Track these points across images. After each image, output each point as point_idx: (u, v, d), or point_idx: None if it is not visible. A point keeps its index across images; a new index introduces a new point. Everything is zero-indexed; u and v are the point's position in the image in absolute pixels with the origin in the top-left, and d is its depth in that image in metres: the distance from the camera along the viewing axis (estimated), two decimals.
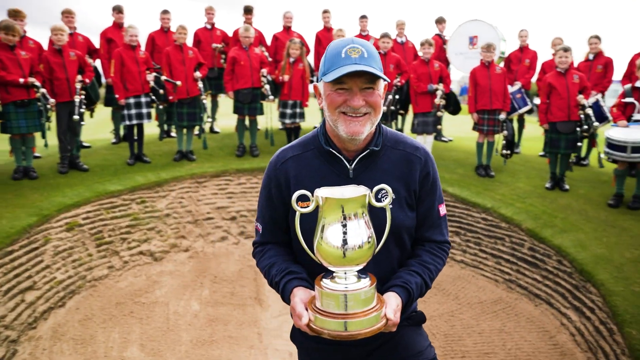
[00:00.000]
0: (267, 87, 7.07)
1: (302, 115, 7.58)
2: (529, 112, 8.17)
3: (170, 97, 6.77)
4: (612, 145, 5.34)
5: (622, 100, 5.54)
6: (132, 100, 6.55)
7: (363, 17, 8.62)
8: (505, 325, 4.45)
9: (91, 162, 6.74)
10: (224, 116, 10.41)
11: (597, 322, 3.98)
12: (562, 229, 5.18)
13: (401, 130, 8.90)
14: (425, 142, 7.25)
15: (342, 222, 1.42)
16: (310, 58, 8.74)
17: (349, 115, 1.59)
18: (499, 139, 7.09)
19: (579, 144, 6.10)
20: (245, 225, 6.40)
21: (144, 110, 6.66)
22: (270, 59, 7.95)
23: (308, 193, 1.50)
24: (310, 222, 1.54)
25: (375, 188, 1.54)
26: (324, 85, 1.63)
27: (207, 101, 7.22)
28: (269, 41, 8.73)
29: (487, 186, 6.46)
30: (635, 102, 5.45)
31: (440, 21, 9.03)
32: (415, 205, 1.75)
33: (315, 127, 1.89)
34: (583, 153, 7.53)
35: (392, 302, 1.51)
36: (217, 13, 8.40)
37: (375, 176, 1.70)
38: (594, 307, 4.12)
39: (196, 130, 7.30)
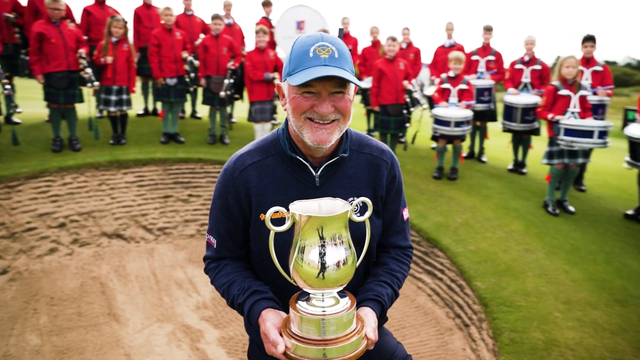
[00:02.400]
0: (89, 70, 6.10)
1: (128, 102, 6.79)
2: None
3: None
4: (438, 121, 6.15)
5: (441, 86, 6.40)
6: None
7: None
8: None
9: None
10: (22, 102, 8.69)
11: (449, 281, 4.58)
12: None
13: (231, 115, 8.74)
14: (264, 129, 7.22)
15: (323, 242, 1.30)
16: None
17: (315, 122, 1.46)
18: None
19: (407, 124, 6.83)
20: (78, 231, 5.49)
21: None
22: (85, 37, 6.86)
23: (283, 210, 1.34)
24: (277, 238, 1.39)
25: (356, 201, 1.45)
26: (289, 87, 1.47)
27: (8, 86, 5.88)
28: (78, 16, 7.51)
29: None
30: (451, 88, 6.35)
31: (266, 4, 9.00)
32: (381, 210, 1.70)
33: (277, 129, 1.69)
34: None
35: (371, 320, 1.45)
36: None
37: (343, 184, 1.61)
38: (443, 269, 4.72)
39: None
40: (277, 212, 1.33)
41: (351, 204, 1.46)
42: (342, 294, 1.40)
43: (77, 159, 6.04)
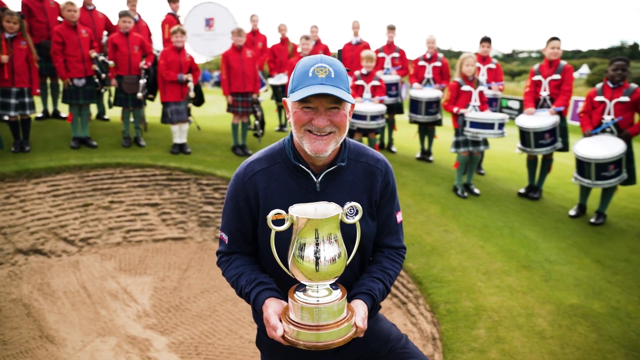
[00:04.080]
0: None
1: (31, 106, 6.24)
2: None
3: None
4: (355, 115, 6.54)
5: (355, 83, 6.79)
6: None
7: None
8: None
9: None
10: None
11: None
12: None
13: (142, 117, 8.40)
14: (181, 130, 7.07)
15: (317, 241, 1.50)
16: None
17: (314, 133, 1.65)
18: (252, 120, 7.57)
19: None
20: None
21: None
22: None
23: (283, 212, 1.54)
24: (279, 236, 1.59)
25: (347, 206, 1.63)
26: (292, 103, 1.66)
27: None
28: None
29: None
30: (364, 84, 6.77)
31: (173, 0, 8.71)
32: (376, 213, 1.90)
33: (281, 138, 1.84)
34: None
35: (360, 311, 1.61)
36: None
37: (341, 189, 1.80)
38: None
39: None
40: (278, 213, 1.53)
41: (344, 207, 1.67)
42: (334, 286, 1.60)
43: None
